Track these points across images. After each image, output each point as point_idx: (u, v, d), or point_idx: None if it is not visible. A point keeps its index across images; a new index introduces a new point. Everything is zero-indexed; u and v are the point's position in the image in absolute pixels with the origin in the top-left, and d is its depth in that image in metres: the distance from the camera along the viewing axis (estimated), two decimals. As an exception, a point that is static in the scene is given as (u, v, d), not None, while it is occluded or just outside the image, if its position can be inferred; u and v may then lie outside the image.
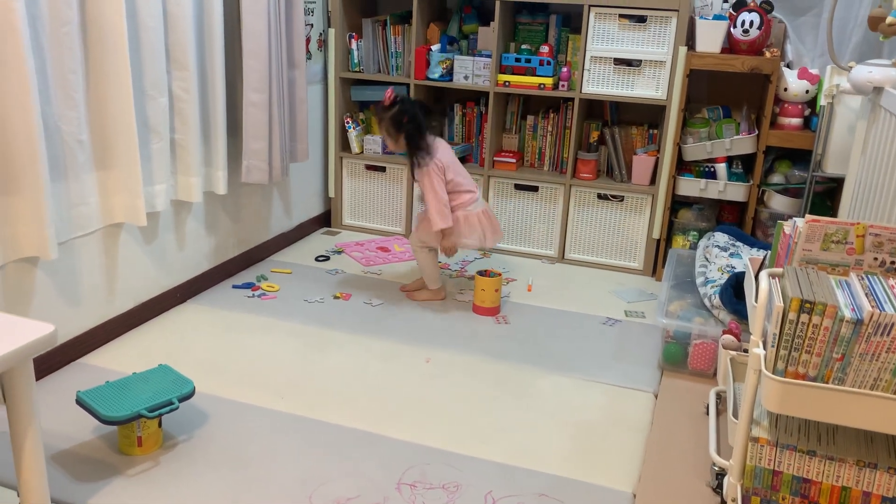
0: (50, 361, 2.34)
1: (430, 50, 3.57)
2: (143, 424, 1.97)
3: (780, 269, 1.80)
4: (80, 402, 1.98)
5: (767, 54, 3.11)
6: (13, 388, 1.46)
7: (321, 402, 2.30)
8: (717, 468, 1.99)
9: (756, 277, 1.98)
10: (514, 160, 3.60)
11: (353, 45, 3.69)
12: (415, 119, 2.82)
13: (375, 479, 1.96)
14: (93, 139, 2.39)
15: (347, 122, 3.79)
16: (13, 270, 2.20)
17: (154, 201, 2.62)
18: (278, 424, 2.17)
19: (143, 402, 1.94)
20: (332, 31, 3.64)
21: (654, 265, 3.47)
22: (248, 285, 3.12)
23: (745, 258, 2.84)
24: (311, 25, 3.57)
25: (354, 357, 2.59)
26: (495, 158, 3.61)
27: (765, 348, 1.66)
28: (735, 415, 1.98)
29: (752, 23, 3.10)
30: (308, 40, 3.51)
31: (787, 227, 1.94)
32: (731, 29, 3.15)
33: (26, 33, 2.00)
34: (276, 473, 1.97)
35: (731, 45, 3.19)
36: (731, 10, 3.19)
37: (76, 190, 2.35)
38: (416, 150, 2.85)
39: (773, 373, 1.64)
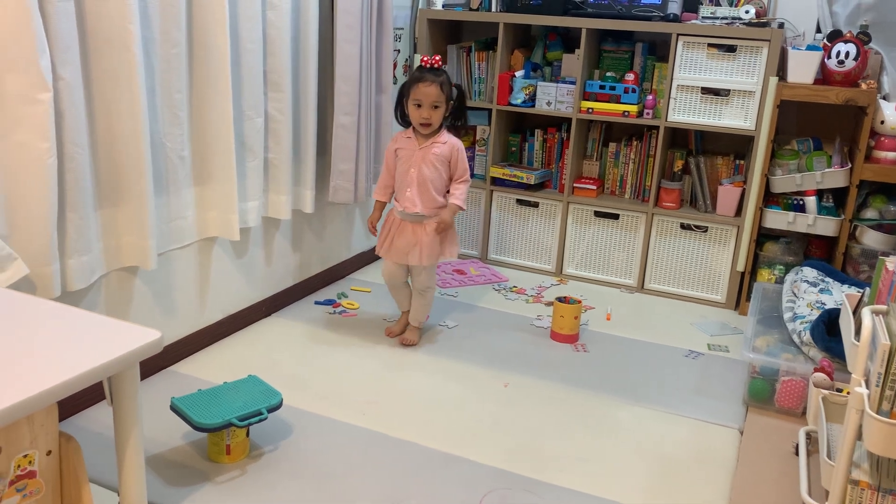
0: (143, 368, 2.42)
1: (514, 76, 3.60)
2: (232, 433, 2.02)
3: (883, 307, 1.74)
4: (174, 409, 2.05)
5: (863, 86, 3.03)
6: (120, 390, 1.52)
7: (400, 421, 2.31)
8: (808, 511, 1.92)
9: (854, 314, 1.92)
10: (594, 187, 3.58)
11: (438, 71, 3.74)
12: (463, 92, 2.75)
13: (455, 501, 1.96)
14: (193, 156, 2.49)
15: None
16: (115, 278, 2.30)
17: (246, 217, 2.71)
18: (360, 441, 2.20)
19: (233, 411, 2.00)
20: (417, 58, 3.71)
21: (738, 299, 3.39)
22: (330, 302, 3.18)
23: (837, 295, 2.75)
24: (398, 51, 3.65)
25: (432, 378, 2.61)
26: (575, 185, 3.61)
27: (868, 388, 1.60)
28: (829, 456, 1.91)
29: (847, 53, 3.03)
30: (395, 65, 3.58)
31: (889, 263, 1.88)
32: (826, 60, 3.07)
33: (140, 53, 2.11)
34: (357, 489, 1.99)
35: (824, 76, 3.11)
36: (825, 41, 3.12)
37: (175, 204, 2.45)
38: (460, 122, 2.76)
39: (878, 414, 1.57)
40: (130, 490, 1.58)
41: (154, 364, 2.48)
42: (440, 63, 2.64)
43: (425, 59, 2.62)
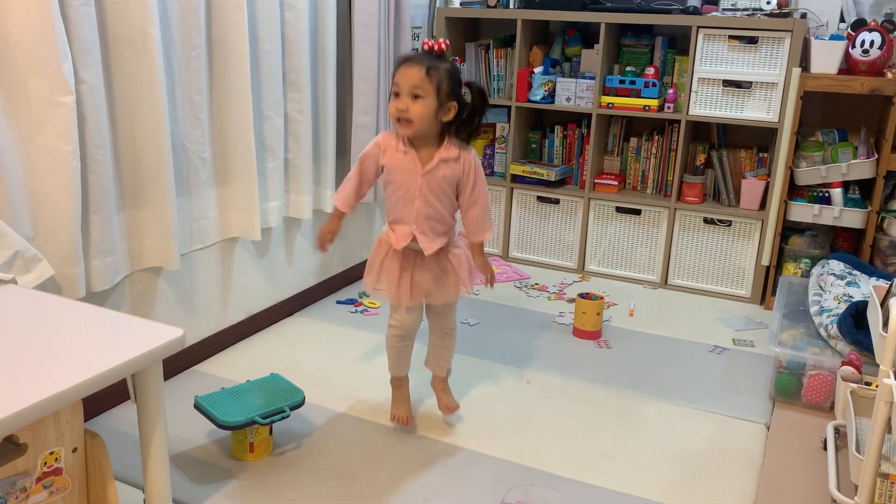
0: (167, 367, 2.45)
1: (533, 72, 3.59)
2: (255, 431, 2.03)
3: (912, 297, 1.70)
4: (197, 407, 2.06)
5: (889, 75, 2.98)
6: (144, 388, 1.53)
7: (424, 418, 2.31)
8: (838, 506, 1.89)
9: (882, 306, 1.88)
10: (615, 182, 3.56)
11: (457, 69, 3.74)
12: (483, 94, 2.03)
13: (479, 497, 1.96)
14: (214, 157, 2.51)
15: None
16: (139, 279, 2.33)
17: (268, 217, 2.73)
18: (383, 438, 2.20)
19: (256, 409, 2.01)
20: (436, 55, 3.71)
21: (763, 293, 3.34)
22: (351, 301, 3.19)
23: (865, 287, 2.71)
24: (416, 50, 3.65)
25: (454, 375, 2.58)
26: (596, 181, 3.58)
27: (897, 379, 1.57)
28: (858, 450, 1.88)
29: (872, 42, 2.98)
30: (413, 64, 3.58)
31: (918, 253, 1.84)
32: (850, 49, 3.03)
33: (160, 55, 2.13)
34: (380, 486, 1.99)
35: (848, 66, 3.07)
36: (849, 30, 3.08)
37: (197, 205, 2.47)
38: (470, 131, 2.03)
39: (907, 405, 1.54)
40: (155, 486, 1.59)
41: (178, 364, 2.51)
42: (444, 48, 1.95)
43: (427, 42, 1.98)
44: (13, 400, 1.23)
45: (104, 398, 2.23)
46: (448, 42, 1.97)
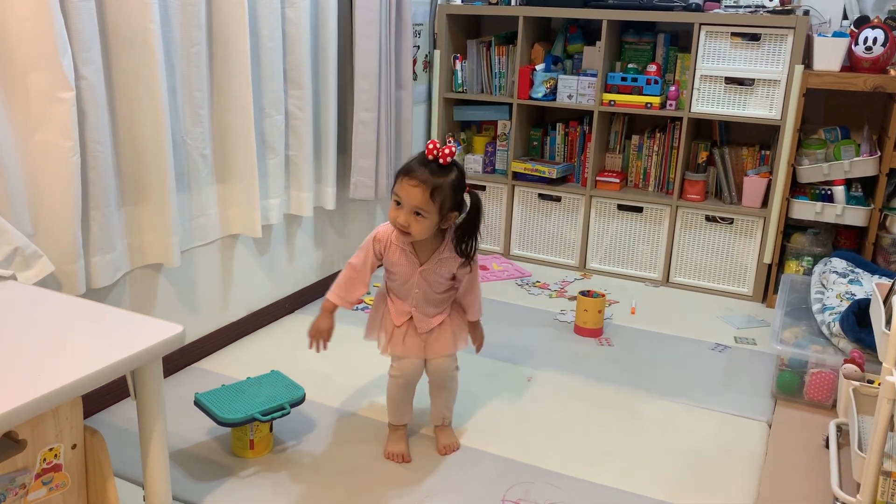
0: (168, 364, 2.45)
1: (534, 69, 3.58)
2: (255, 428, 2.03)
3: (915, 294, 1.70)
4: (197, 404, 2.06)
5: (892, 72, 2.97)
6: (144, 385, 1.53)
7: (423, 416, 2.30)
8: (840, 504, 1.88)
9: (885, 303, 1.88)
10: (617, 180, 3.55)
11: (458, 66, 3.74)
12: (479, 206, 1.97)
13: (479, 495, 1.95)
14: (214, 154, 2.50)
15: (449, 142, 3.83)
16: (139, 276, 2.32)
17: (268, 214, 2.72)
18: (383, 435, 2.19)
19: (256, 406, 2.00)
20: (437, 53, 3.71)
21: (765, 291, 3.33)
22: (352, 299, 3.18)
23: (867, 285, 2.70)
24: (418, 47, 3.64)
25: (456, 373, 2.60)
26: (598, 178, 3.57)
27: (899, 377, 1.57)
28: (861, 448, 1.87)
29: (875, 39, 2.97)
30: (414, 62, 3.58)
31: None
32: (853, 46, 3.02)
33: (160, 51, 2.13)
34: (381, 484, 1.99)
35: (851, 64, 3.05)
36: (852, 27, 3.06)
37: (197, 202, 2.47)
38: (468, 243, 1.98)
39: (910, 403, 1.54)
40: (155, 483, 1.59)
41: (178, 361, 2.50)
42: (451, 156, 1.86)
43: (433, 145, 1.85)
44: (12, 396, 1.23)
45: (104, 395, 2.23)
46: (454, 149, 1.86)
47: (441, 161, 1.86)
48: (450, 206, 1.90)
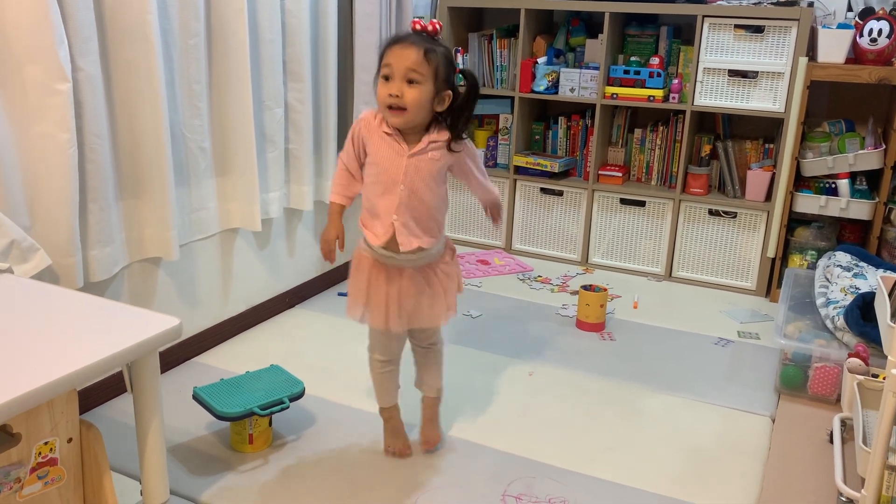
0: (167, 359, 2.44)
1: (536, 63, 3.55)
2: (254, 422, 2.01)
3: (921, 287, 1.67)
4: (196, 398, 2.05)
5: (898, 64, 2.94)
6: (141, 378, 1.52)
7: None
8: (844, 499, 1.86)
9: (890, 296, 1.85)
10: (620, 174, 3.52)
11: (459, 60, 3.71)
12: (476, 84, 1.81)
13: (480, 490, 1.94)
14: (214, 147, 2.49)
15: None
16: (138, 269, 2.31)
17: (268, 208, 2.71)
18: (382, 430, 2.17)
19: (255, 400, 1.99)
20: (438, 46, 3.68)
21: (769, 285, 3.31)
22: (353, 293, 3.17)
23: (872, 279, 2.68)
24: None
25: (457, 368, 2.58)
26: (600, 172, 3.55)
27: (905, 370, 1.54)
28: (865, 443, 1.85)
29: (880, 31, 2.94)
30: (416, 54, 3.55)
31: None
32: (857, 38, 2.99)
33: (159, 43, 2.11)
34: (381, 479, 1.97)
35: (856, 56, 3.03)
36: (856, 19, 3.04)
37: (197, 195, 2.45)
38: (463, 123, 1.81)
39: (916, 397, 1.52)
40: (152, 477, 1.58)
41: (177, 355, 2.49)
42: (438, 30, 1.76)
43: (418, 21, 1.76)
44: (6, 389, 1.22)
45: (103, 389, 2.22)
46: (441, 23, 1.78)
47: (430, 30, 1.74)
48: (443, 78, 1.73)
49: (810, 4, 3.14)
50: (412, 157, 1.79)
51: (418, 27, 1.75)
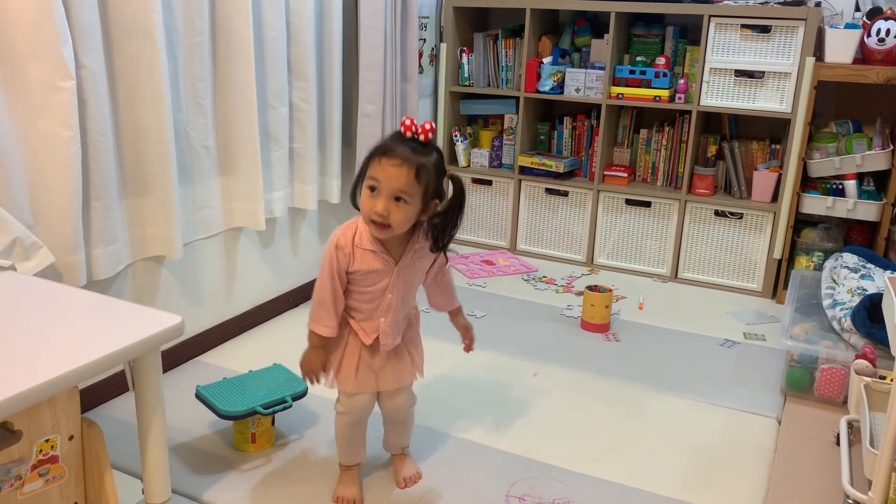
0: (169, 358, 2.43)
1: (542, 63, 3.54)
2: (257, 421, 2.00)
3: (929, 287, 1.66)
4: (198, 397, 2.04)
5: (905, 64, 2.92)
6: (142, 375, 1.51)
7: (429, 411, 2.28)
8: (851, 501, 1.84)
9: (898, 297, 1.84)
10: (625, 174, 3.51)
11: (464, 60, 3.71)
12: (463, 192, 1.71)
13: (483, 490, 1.92)
14: (218, 146, 2.48)
15: (455, 136, 3.80)
16: (141, 268, 2.31)
17: (272, 207, 2.70)
18: (386, 430, 2.17)
19: (258, 399, 1.98)
20: (443, 46, 3.68)
21: (775, 286, 3.29)
22: (357, 293, 3.16)
23: (879, 281, 2.66)
24: (424, 40, 3.61)
25: (460, 368, 2.57)
26: (605, 172, 3.54)
27: (913, 371, 1.53)
28: (873, 445, 1.84)
29: (888, 31, 2.92)
30: (420, 55, 3.55)
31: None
32: (865, 38, 2.97)
33: (163, 41, 2.10)
34: (384, 478, 1.96)
35: (864, 56, 3.01)
36: (864, 19, 3.02)
37: (200, 194, 2.45)
38: (448, 235, 1.73)
39: (924, 398, 1.50)
40: (153, 475, 1.57)
41: (181, 354, 2.48)
42: (431, 134, 1.63)
43: (409, 121, 1.62)
44: (7, 385, 1.21)
45: (106, 388, 2.21)
46: (433, 125, 1.63)
47: (422, 138, 1.62)
48: (433, 192, 1.65)
49: (817, 4, 3.13)
50: (401, 268, 1.73)
51: (409, 134, 1.62)
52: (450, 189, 1.70)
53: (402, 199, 1.61)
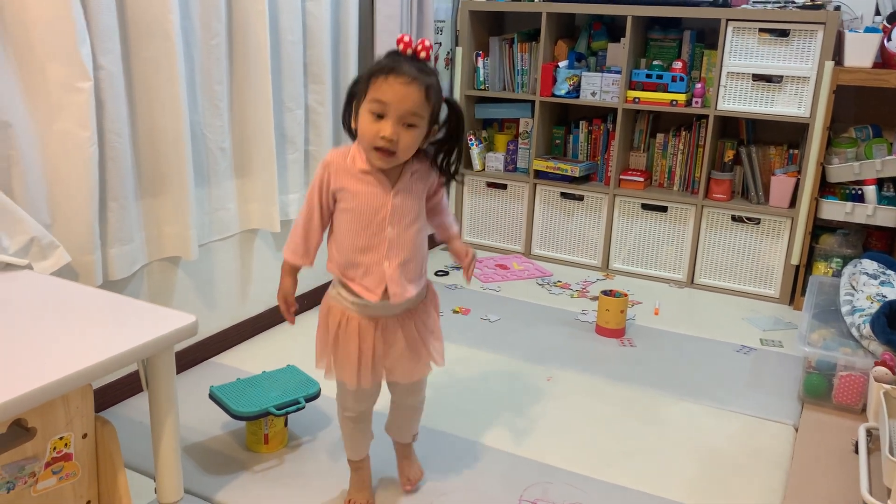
0: (184, 359, 2.44)
1: (558, 66, 3.53)
2: (270, 422, 2.01)
3: (950, 293, 1.63)
4: (212, 397, 2.04)
5: (927, 69, 2.89)
6: (156, 374, 1.51)
7: (442, 414, 2.27)
8: (869, 510, 1.81)
9: (919, 303, 1.81)
10: (641, 179, 3.49)
11: (480, 64, 3.70)
12: (460, 114, 1.60)
13: (496, 494, 1.91)
14: (234, 147, 2.49)
15: (470, 140, 3.80)
16: (157, 268, 2.32)
17: (287, 209, 2.71)
18: (399, 432, 2.16)
19: (271, 400, 1.98)
20: (459, 50, 3.68)
21: (792, 293, 3.26)
22: (371, 296, 3.16)
23: (899, 287, 2.62)
24: (440, 44, 3.62)
25: (474, 371, 2.56)
26: (621, 177, 3.52)
27: (934, 378, 1.50)
28: (892, 453, 1.81)
29: (909, 35, 2.89)
30: (436, 59, 3.55)
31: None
32: (885, 42, 2.94)
33: (180, 43, 2.12)
34: (396, 481, 1.95)
35: (884, 60, 2.97)
36: (884, 23, 2.99)
37: (216, 195, 2.46)
38: (457, 162, 1.64)
39: (945, 405, 1.47)
40: (166, 475, 1.57)
41: (195, 355, 2.49)
42: (430, 53, 1.50)
43: (405, 39, 1.49)
44: (22, 383, 1.21)
45: (119, 387, 2.22)
46: (432, 43, 1.53)
47: (423, 55, 1.47)
48: (437, 114, 1.51)
49: (837, 8, 3.10)
50: (397, 195, 1.56)
51: (409, 51, 1.48)
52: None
53: (412, 124, 1.46)
